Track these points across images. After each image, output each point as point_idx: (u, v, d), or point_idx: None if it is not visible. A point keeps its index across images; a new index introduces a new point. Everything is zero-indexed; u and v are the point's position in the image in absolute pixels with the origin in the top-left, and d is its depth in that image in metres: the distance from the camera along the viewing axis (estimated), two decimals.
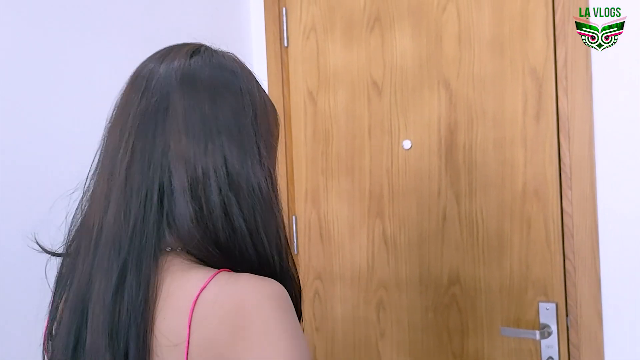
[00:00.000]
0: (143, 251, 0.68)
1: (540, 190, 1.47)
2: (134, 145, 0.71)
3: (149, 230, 0.68)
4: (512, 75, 1.49)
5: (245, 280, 0.66)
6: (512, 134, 1.50)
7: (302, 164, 1.83)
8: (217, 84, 0.74)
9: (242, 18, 1.88)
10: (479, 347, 1.55)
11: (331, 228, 1.78)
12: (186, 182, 0.69)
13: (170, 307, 0.66)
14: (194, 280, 0.66)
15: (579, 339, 1.42)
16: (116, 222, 0.69)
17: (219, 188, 0.69)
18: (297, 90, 1.82)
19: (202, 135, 0.71)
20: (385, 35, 1.67)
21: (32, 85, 1.28)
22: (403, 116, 1.65)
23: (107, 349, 0.65)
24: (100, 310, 0.67)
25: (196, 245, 0.69)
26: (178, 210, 0.69)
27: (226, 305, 0.64)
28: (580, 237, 1.41)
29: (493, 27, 1.51)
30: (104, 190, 0.72)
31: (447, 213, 1.59)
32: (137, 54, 1.50)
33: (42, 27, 1.30)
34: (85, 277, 0.70)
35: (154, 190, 0.69)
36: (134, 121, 0.72)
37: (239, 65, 0.79)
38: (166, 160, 0.70)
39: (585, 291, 1.41)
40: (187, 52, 0.76)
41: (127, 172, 0.70)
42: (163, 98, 0.72)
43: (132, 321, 0.65)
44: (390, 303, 1.68)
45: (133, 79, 0.76)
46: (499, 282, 1.52)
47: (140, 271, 0.67)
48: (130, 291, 0.66)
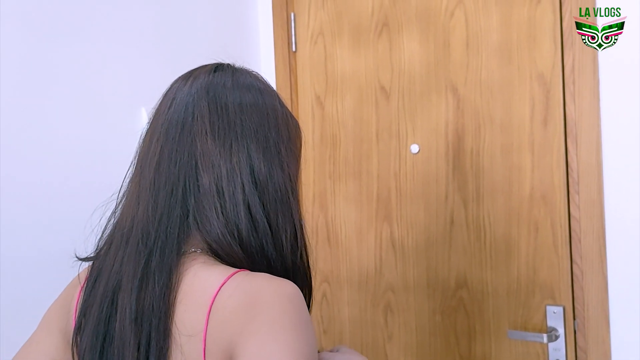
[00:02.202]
0: (167, 241, 0.72)
1: (548, 195, 1.48)
2: (162, 147, 0.76)
3: (173, 222, 0.73)
4: (519, 81, 1.51)
5: (262, 279, 0.70)
6: (519, 140, 1.51)
7: (309, 168, 1.84)
8: (241, 94, 0.79)
9: (250, 23, 1.90)
10: (486, 350, 1.56)
11: (339, 231, 1.80)
12: (212, 181, 0.73)
13: (191, 300, 0.69)
14: (215, 276, 0.70)
15: (586, 342, 1.43)
16: (145, 216, 0.74)
17: (243, 187, 0.74)
18: (305, 94, 1.84)
19: (228, 137, 0.75)
20: (393, 40, 1.69)
21: (47, 90, 1.29)
22: (411, 121, 1.66)
23: (133, 335, 0.69)
24: (128, 298, 0.71)
25: (220, 240, 0.73)
26: (204, 206, 0.73)
27: (241, 298, 0.67)
28: (588, 241, 1.42)
29: (501, 33, 1.53)
30: (135, 191, 0.77)
31: (454, 217, 1.60)
32: (147, 58, 1.52)
33: (55, 31, 1.31)
34: (116, 270, 0.74)
35: (179, 186, 0.74)
36: (162, 127, 0.77)
37: (262, 82, 0.84)
38: (193, 160, 0.74)
39: (593, 295, 1.42)
40: (210, 69, 0.82)
41: (156, 172, 0.75)
42: (189, 105, 0.77)
43: (155, 308, 0.69)
44: (397, 306, 1.69)
45: (162, 97, 0.82)
46: (507, 286, 1.53)
47: (163, 259, 0.71)
48: (153, 278, 0.70)
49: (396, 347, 1.70)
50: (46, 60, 1.29)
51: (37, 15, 1.28)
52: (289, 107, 1.80)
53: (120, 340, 0.71)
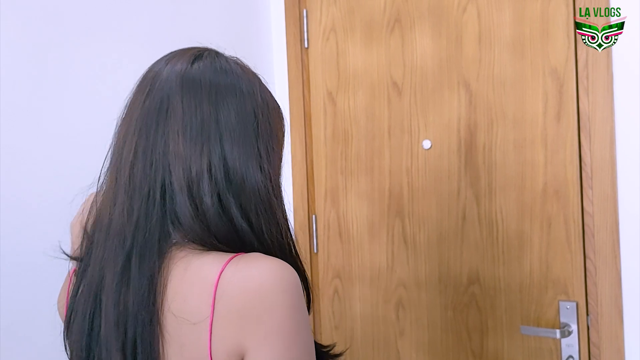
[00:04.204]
0: (146, 245, 0.71)
1: (561, 190, 1.47)
2: (136, 144, 0.74)
3: (152, 226, 0.72)
4: (532, 76, 1.50)
5: (261, 263, 0.69)
6: (532, 135, 1.51)
7: (321, 164, 1.85)
8: (217, 88, 0.76)
9: (262, 20, 1.91)
10: (498, 346, 1.56)
11: (350, 227, 1.80)
12: (183, 182, 0.72)
13: (189, 290, 0.69)
14: (212, 263, 0.70)
15: (600, 337, 1.42)
16: (121, 218, 0.73)
17: (212, 189, 0.72)
18: (317, 90, 1.84)
19: (200, 137, 0.73)
20: (405, 36, 1.69)
21: (57, 87, 1.30)
22: (423, 116, 1.66)
23: (116, 337, 0.70)
24: (110, 301, 0.71)
25: (199, 240, 0.72)
26: (179, 207, 0.72)
27: (246, 285, 0.67)
28: (601, 236, 1.42)
29: (513, 28, 1.53)
30: (112, 186, 0.76)
31: (466, 213, 1.60)
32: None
33: (67, 31, 1.33)
34: (98, 267, 0.74)
35: (156, 188, 0.72)
36: (137, 122, 0.76)
37: (242, 68, 0.81)
38: (166, 161, 0.73)
39: (606, 290, 1.41)
40: (190, 56, 0.79)
41: (131, 172, 0.74)
42: (164, 100, 0.75)
43: (138, 310, 0.69)
44: (409, 302, 1.69)
45: (140, 81, 0.80)
46: (519, 281, 1.53)
47: (143, 264, 0.70)
48: (134, 282, 0.70)
49: (408, 343, 1.70)
50: (60, 62, 1.30)
51: (50, 16, 1.29)
52: (301, 103, 1.83)
53: (104, 341, 0.71)
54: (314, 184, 1.86)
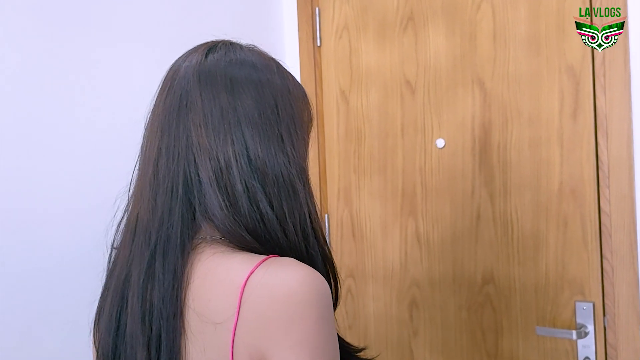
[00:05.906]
0: (169, 240, 0.71)
1: (577, 189, 1.45)
2: (160, 142, 0.75)
3: (175, 220, 0.72)
4: (548, 74, 1.48)
5: (293, 269, 0.68)
6: (548, 133, 1.49)
7: (334, 162, 1.84)
8: (233, 77, 0.76)
9: (275, 18, 1.90)
10: (513, 346, 1.54)
11: (363, 226, 1.79)
12: (211, 173, 0.72)
13: (215, 289, 0.69)
14: (241, 264, 0.69)
15: (617, 339, 1.40)
16: (146, 214, 0.74)
17: (241, 177, 0.72)
18: (329, 89, 1.84)
19: (222, 127, 0.73)
20: (418, 34, 1.68)
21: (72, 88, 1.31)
22: (437, 115, 1.65)
23: (141, 333, 0.70)
24: (136, 298, 0.72)
25: (230, 232, 0.72)
26: (208, 200, 0.72)
27: (275, 291, 0.66)
28: (619, 236, 1.39)
29: (529, 25, 1.51)
30: (140, 186, 0.77)
31: (481, 212, 1.59)
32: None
33: (81, 31, 1.33)
34: (125, 265, 0.75)
35: (179, 182, 0.73)
36: (160, 120, 0.77)
37: (258, 55, 0.80)
38: (190, 154, 0.73)
39: (624, 291, 1.39)
40: (204, 49, 0.80)
41: (155, 168, 0.75)
42: (183, 95, 0.76)
43: (163, 306, 0.69)
44: (423, 302, 1.68)
45: (162, 81, 0.81)
46: (534, 282, 1.51)
47: (167, 259, 0.71)
48: (159, 278, 0.70)
49: (421, 343, 1.69)
50: (66, 61, 1.31)
51: (57, 14, 1.30)
52: (313, 102, 1.81)
53: (130, 338, 0.72)
54: (326, 182, 1.86)
